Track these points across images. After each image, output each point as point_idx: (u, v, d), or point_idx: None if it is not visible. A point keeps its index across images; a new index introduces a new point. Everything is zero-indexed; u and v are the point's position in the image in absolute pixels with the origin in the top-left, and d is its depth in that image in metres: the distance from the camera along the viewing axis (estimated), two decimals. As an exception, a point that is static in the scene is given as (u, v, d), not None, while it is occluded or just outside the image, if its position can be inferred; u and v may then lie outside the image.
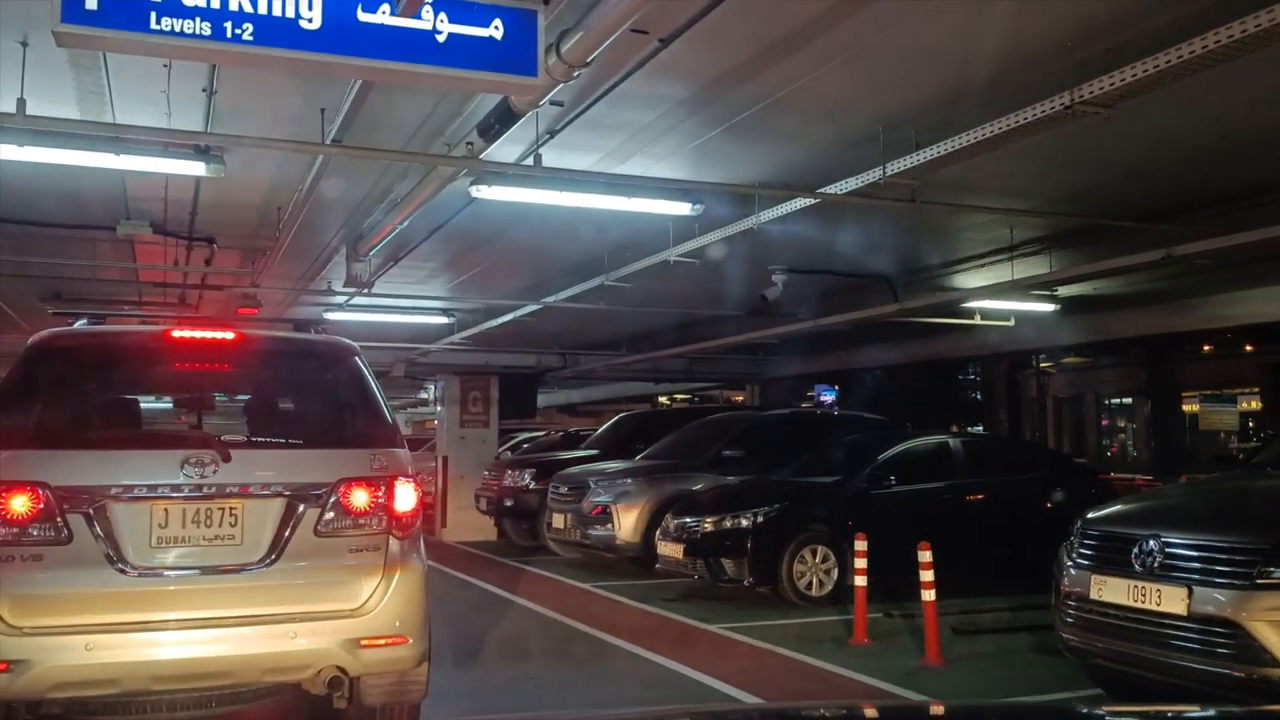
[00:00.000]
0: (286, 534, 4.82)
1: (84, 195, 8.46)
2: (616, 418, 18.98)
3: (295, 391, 5.99)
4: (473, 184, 7.30)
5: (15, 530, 4.47)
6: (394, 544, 4.98)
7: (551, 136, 6.23)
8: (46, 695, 4.50)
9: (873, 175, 6.45)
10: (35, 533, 4.49)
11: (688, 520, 11.15)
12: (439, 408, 19.10)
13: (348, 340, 5.70)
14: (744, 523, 10.73)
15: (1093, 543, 6.44)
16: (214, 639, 4.66)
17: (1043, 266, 10.54)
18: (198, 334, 5.46)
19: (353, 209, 8.82)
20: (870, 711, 3.21)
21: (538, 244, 10.37)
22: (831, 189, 6.86)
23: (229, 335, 5.39)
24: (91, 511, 4.56)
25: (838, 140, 6.94)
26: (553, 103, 5.74)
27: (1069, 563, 6.61)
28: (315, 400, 5.81)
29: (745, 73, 5.89)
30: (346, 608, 4.85)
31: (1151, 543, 5.77)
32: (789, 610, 10.27)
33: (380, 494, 4.96)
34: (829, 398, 24.24)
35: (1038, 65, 5.72)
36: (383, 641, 4.86)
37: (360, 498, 4.93)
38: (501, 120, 5.40)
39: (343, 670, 4.84)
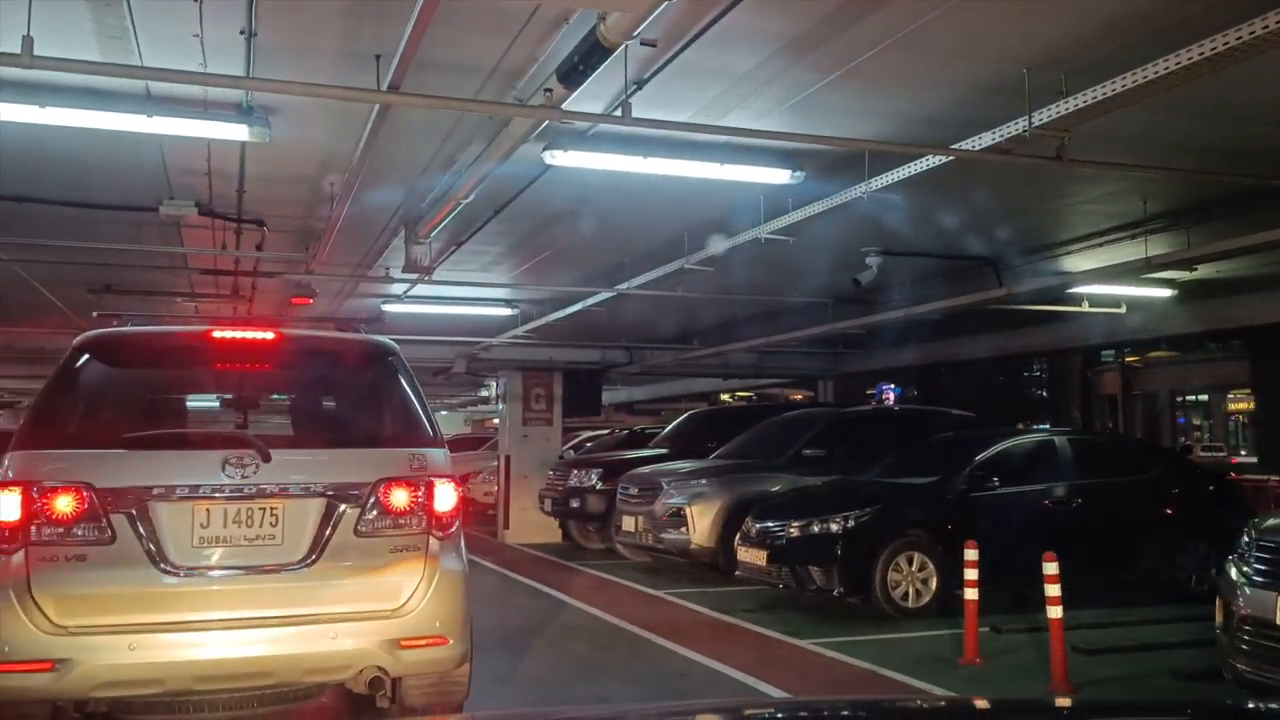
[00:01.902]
0: (327, 534, 4.86)
1: (122, 170, 7.80)
2: (685, 415, 18.33)
3: (335, 392, 6.04)
4: (545, 149, 6.49)
5: (60, 530, 4.54)
6: (434, 544, 5.01)
7: (639, 88, 5.39)
8: (91, 694, 4.56)
9: (1016, 127, 5.52)
10: (79, 533, 4.56)
11: (771, 524, 10.50)
12: (501, 405, 18.64)
13: (388, 340, 5.76)
14: (833, 527, 10.03)
15: (1274, 556, 5.48)
16: (256, 639, 4.69)
17: (1168, 245, 9.51)
18: (238, 334, 5.49)
19: (412, 184, 8.05)
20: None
21: (611, 225, 9.53)
22: (965, 144, 5.94)
23: (269, 336, 5.44)
24: (134, 512, 4.62)
25: (969, 87, 6.00)
26: (644, 42, 4.92)
27: (1242, 579, 5.66)
28: (355, 400, 5.81)
29: (868, 3, 5.01)
30: (387, 608, 4.88)
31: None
32: (884, 623, 9.56)
33: (420, 494, 5.01)
34: (892, 395, 23.29)
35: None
36: (423, 642, 4.90)
37: (400, 498, 4.97)
38: (587, 59, 4.58)
39: (384, 671, 4.87)
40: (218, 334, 5.43)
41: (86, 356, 5.13)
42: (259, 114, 6.07)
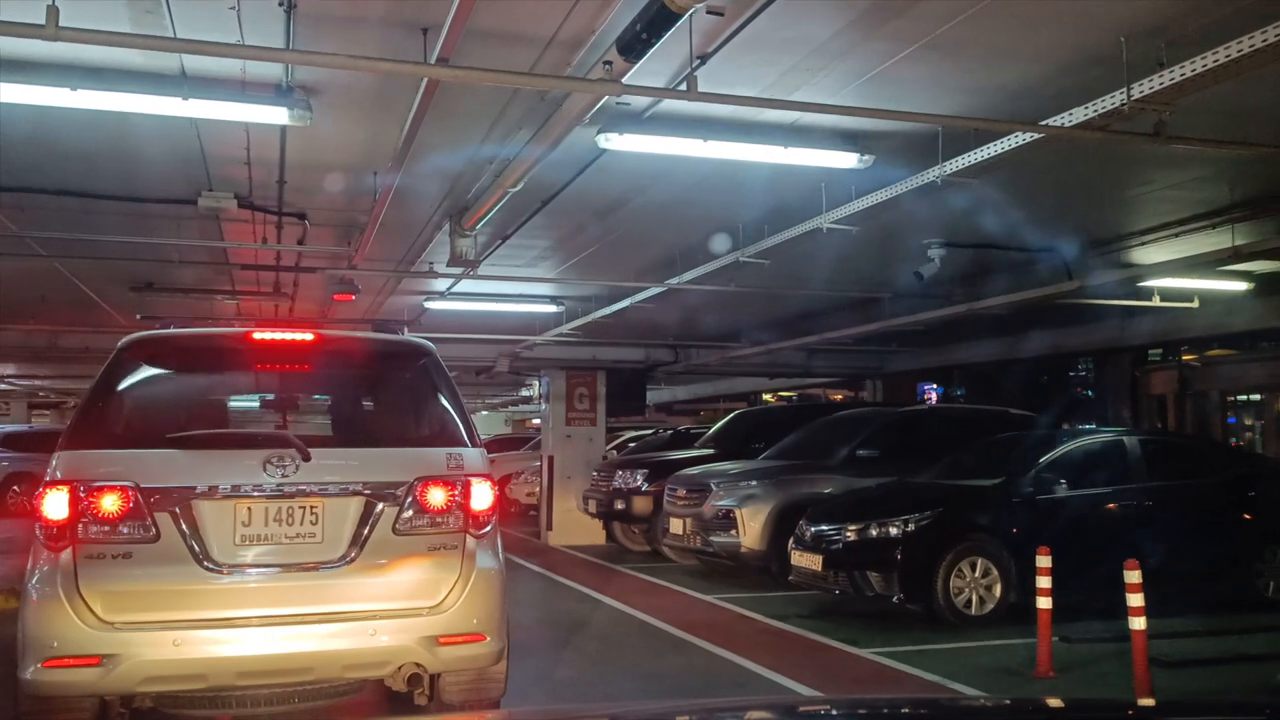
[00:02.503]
0: (365, 532, 4.94)
1: (161, 161, 7.55)
2: (732, 415, 17.95)
3: (373, 392, 6.09)
4: (600, 133, 6.14)
5: (106, 528, 4.64)
6: (470, 542, 5.08)
7: (703, 62, 5.02)
8: (137, 690, 4.68)
9: (1114, 100, 5.09)
10: (125, 531, 4.65)
11: (826, 528, 10.14)
12: (544, 405, 18.38)
13: (425, 341, 5.78)
14: (893, 531, 9.67)
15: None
16: (296, 635, 4.77)
17: (1250, 235, 8.98)
18: (278, 336, 5.50)
19: (457, 172, 7.71)
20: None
21: (662, 217, 9.16)
22: (1056, 120, 5.51)
23: (308, 337, 5.49)
24: (178, 510, 4.71)
25: (1058, 59, 5.55)
26: (710, 10, 4.54)
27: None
28: (393, 401, 5.88)
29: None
30: (425, 605, 4.95)
31: None
32: (946, 632, 9.19)
33: (456, 493, 5.07)
34: (934, 395, 22.76)
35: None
36: (461, 639, 4.95)
37: (437, 496, 5.04)
38: (651, 27, 4.22)
39: (422, 667, 4.94)
40: (258, 335, 5.46)
41: (131, 358, 5.22)
42: (299, 95, 5.76)
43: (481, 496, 5.12)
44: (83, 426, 4.96)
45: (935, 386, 23.88)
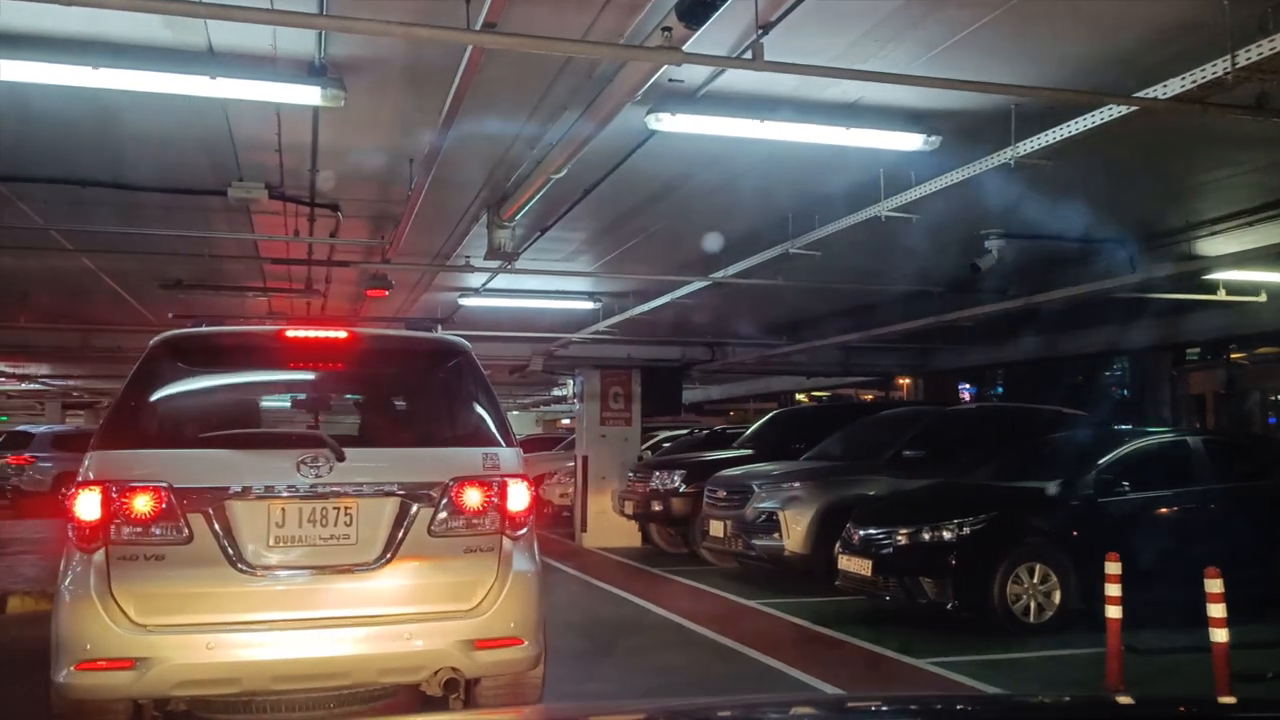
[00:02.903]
0: (400, 534, 4.85)
1: (189, 149, 7.26)
2: (771, 414, 17.62)
3: (408, 391, 6.01)
4: (650, 113, 5.78)
5: (138, 530, 4.58)
6: (507, 544, 5.00)
7: (766, 31, 4.65)
8: (170, 693, 4.61)
9: (1215, 69, 4.67)
10: (157, 532, 4.59)
11: (875, 531, 9.81)
12: (578, 404, 18.09)
13: (460, 339, 5.69)
14: (946, 535, 9.33)
15: None
16: (331, 639, 4.69)
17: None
18: (311, 334, 5.45)
19: (498, 158, 7.35)
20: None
21: (707, 207, 8.77)
22: (1149, 93, 5.09)
23: (341, 335, 5.45)
24: (211, 511, 4.64)
25: (1152, 23, 5.15)
26: (777, -29, 4.19)
27: None
28: (428, 400, 5.78)
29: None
30: (461, 608, 4.86)
31: None
32: (1003, 640, 8.80)
33: (493, 494, 4.99)
34: (967, 394, 22.28)
35: None
36: (497, 642, 4.87)
37: (473, 497, 4.96)
38: (715, -13, 3.87)
39: (458, 672, 4.84)
40: (291, 334, 5.42)
41: (163, 357, 5.16)
42: (332, 74, 5.44)
43: (518, 497, 5.04)
44: (115, 426, 4.92)
45: (969, 386, 23.42)
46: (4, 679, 7.18)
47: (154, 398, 5.10)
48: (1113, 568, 7.37)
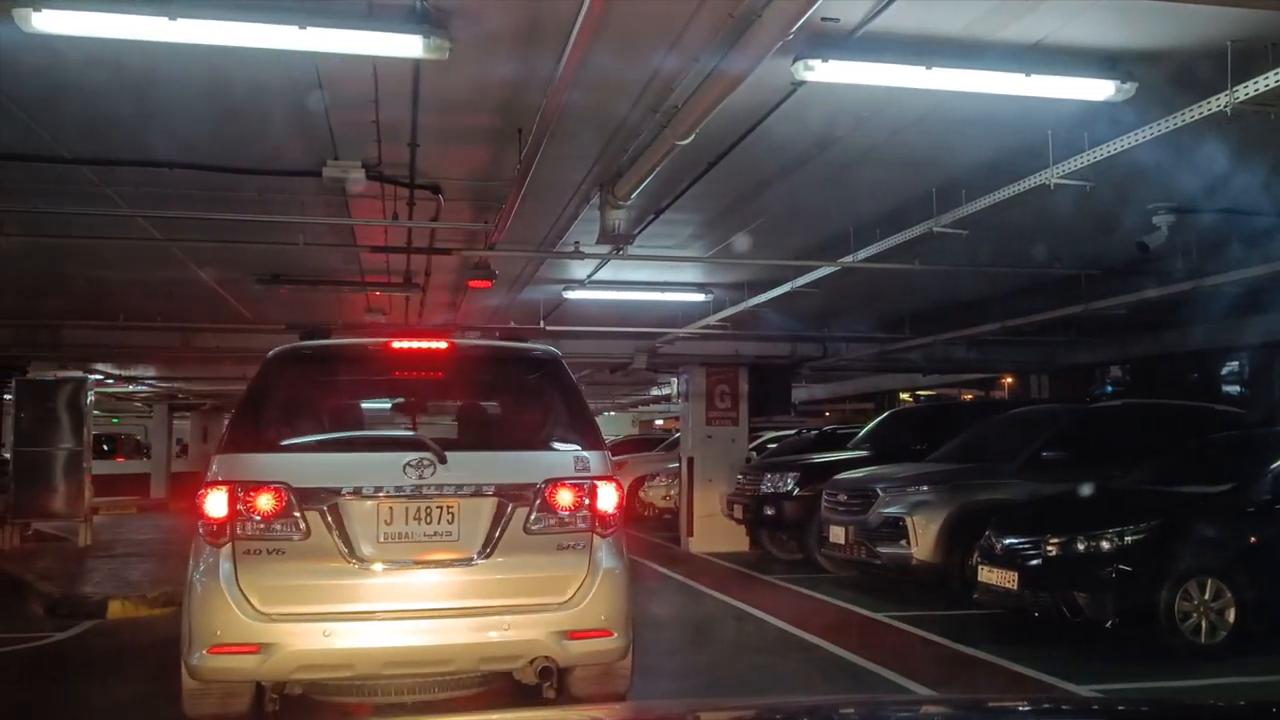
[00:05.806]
0: (498, 531, 5.22)
1: (280, 120, 6.71)
2: (887, 413, 16.79)
3: (503, 397, 6.61)
4: (796, 60, 5.01)
5: (261, 526, 5.00)
6: (597, 541, 5.33)
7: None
8: (291, 676, 5.02)
9: None
10: (278, 528, 5.01)
11: (1020, 541, 8.94)
12: (683, 403, 17.35)
13: (551, 348, 6.06)
14: (1104, 545, 8.48)
15: None
16: (436, 629, 5.05)
17: None
18: (416, 345, 5.78)
19: (616, 125, 6.59)
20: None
21: (843, 181, 7.87)
22: None
23: (443, 345, 5.76)
24: (326, 509, 5.05)
25: None
26: None
27: None
28: (521, 406, 6.32)
29: None
30: (555, 601, 5.19)
31: None
32: (1171, 664, 7.96)
33: (584, 494, 5.33)
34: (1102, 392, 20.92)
35: None
36: (589, 633, 5.18)
37: (565, 497, 5.31)
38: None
39: (553, 661, 5.15)
40: (397, 345, 5.77)
41: (280, 368, 5.63)
42: (436, 17, 4.78)
43: (607, 498, 5.37)
44: (238, 431, 5.35)
45: (1109, 386, 22.05)
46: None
47: (271, 405, 5.56)
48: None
